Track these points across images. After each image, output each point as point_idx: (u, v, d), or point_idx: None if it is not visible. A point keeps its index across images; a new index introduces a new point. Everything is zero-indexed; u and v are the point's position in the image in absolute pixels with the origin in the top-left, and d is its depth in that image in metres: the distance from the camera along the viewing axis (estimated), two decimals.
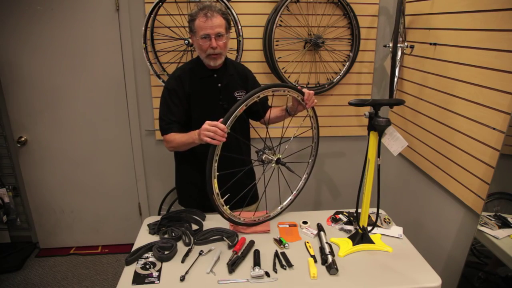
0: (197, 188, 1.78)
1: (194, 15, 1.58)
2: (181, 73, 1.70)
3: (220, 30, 1.57)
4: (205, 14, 1.55)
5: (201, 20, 1.55)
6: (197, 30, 1.58)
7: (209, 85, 1.70)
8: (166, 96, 1.70)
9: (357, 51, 2.43)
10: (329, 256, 1.39)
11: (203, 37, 1.57)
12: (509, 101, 1.45)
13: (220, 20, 1.57)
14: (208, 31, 1.55)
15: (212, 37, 1.56)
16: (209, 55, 1.61)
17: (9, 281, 2.47)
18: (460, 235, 1.83)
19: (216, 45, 1.58)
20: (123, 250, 2.80)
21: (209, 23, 1.54)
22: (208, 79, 1.69)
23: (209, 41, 1.57)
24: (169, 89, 1.69)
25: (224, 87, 1.71)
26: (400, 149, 1.51)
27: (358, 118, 2.60)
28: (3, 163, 2.66)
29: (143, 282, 1.29)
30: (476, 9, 1.62)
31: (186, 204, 1.88)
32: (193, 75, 1.69)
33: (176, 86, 1.67)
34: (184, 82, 1.67)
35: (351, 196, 1.78)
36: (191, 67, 1.72)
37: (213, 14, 1.55)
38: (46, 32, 2.31)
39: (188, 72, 1.70)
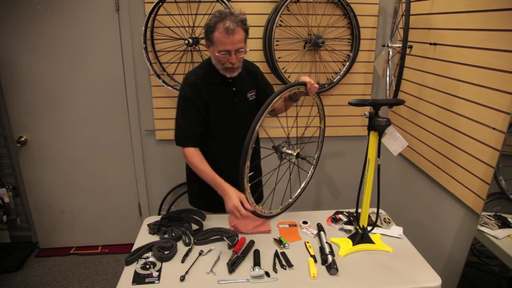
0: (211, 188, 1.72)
1: (213, 26, 1.48)
2: (196, 80, 1.61)
3: (240, 46, 1.50)
4: (226, 29, 1.44)
5: (221, 35, 1.46)
6: (216, 44, 1.49)
7: (224, 90, 1.65)
8: (182, 105, 1.62)
9: (357, 51, 2.43)
10: (329, 256, 1.39)
11: (222, 53, 1.50)
12: (509, 101, 1.44)
13: (241, 35, 1.49)
14: (228, 47, 1.48)
15: (232, 53, 1.50)
16: (226, 68, 1.56)
17: (9, 281, 2.47)
18: (460, 235, 1.83)
19: (235, 60, 1.52)
20: (123, 250, 2.80)
21: (230, 39, 1.46)
22: (223, 84, 1.64)
23: (228, 56, 1.50)
24: (185, 98, 1.61)
25: (238, 90, 1.67)
26: (400, 149, 1.51)
27: (358, 118, 2.60)
28: (3, 163, 2.66)
29: (143, 282, 1.30)
30: (476, 9, 1.62)
31: (197, 204, 1.85)
32: (208, 81, 1.62)
33: (192, 94, 1.60)
34: (201, 89, 1.60)
35: (351, 196, 1.78)
36: (205, 72, 1.64)
37: (235, 29, 1.45)
38: (46, 32, 2.31)
39: (203, 78, 1.62)
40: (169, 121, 2.52)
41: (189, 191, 1.94)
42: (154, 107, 2.50)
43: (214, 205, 1.69)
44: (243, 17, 1.50)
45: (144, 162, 2.66)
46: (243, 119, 1.69)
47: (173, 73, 2.36)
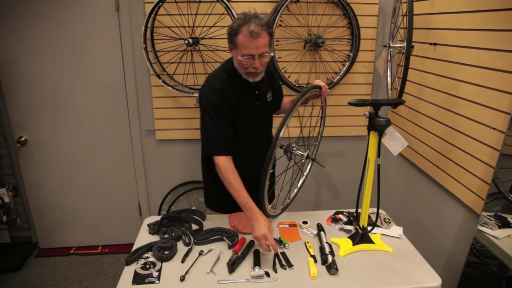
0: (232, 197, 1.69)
1: (236, 28, 1.43)
2: (222, 85, 1.54)
3: (265, 50, 1.45)
4: (251, 33, 1.39)
5: (245, 39, 1.41)
6: (239, 47, 1.44)
7: (248, 94, 1.61)
8: (210, 111, 1.54)
9: (357, 51, 2.43)
10: (329, 256, 1.39)
11: (246, 57, 1.45)
12: (509, 101, 1.45)
13: (266, 39, 1.43)
14: (252, 51, 1.43)
15: (256, 57, 1.45)
16: (249, 73, 1.51)
17: (9, 281, 2.47)
18: (460, 235, 1.83)
19: (259, 65, 1.47)
20: (123, 250, 2.80)
21: (254, 43, 1.41)
22: (247, 88, 1.60)
23: (252, 61, 1.46)
24: (213, 104, 1.53)
25: (260, 93, 1.65)
26: (400, 149, 1.51)
27: (358, 118, 2.60)
28: (3, 163, 2.66)
29: (143, 282, 1.30)
30: (476, 9, 1.62)
31: (216, 208, 1.83)
32: (233, 86, 1.56)
33: (219, 100, 1.53)
34: (228, 95, 1.54)
35: (351, 196, 1.78)
36: (229, 76, 1.57)
37: (260, 32, 1.40)
38: (46, 32, 2.31)
39: (227, 83, 1.56)
40: (169, 121, 2.52)
41: (207, 195, 1.88)
42: (154, 107, 2.50)
43: (232, 209, 1.68)
44: (268, 20, 1.45)
45: (144, 162, 2.66)
46: (264, 121, 1.72)
47: (173, 73, 2.36)
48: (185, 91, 2.36)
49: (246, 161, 1.65)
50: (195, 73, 2.37)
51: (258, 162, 1.68)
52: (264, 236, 1.37)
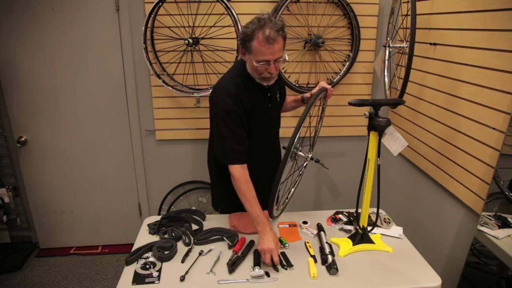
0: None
1: (251, 33, 1.38)
2: (237, 91, 1.51)
3: (280, 55, 1.42)
4: (267, 39, 1.36)
5: (261, 45, 1.37)
6: (254, 53, 1.41)
7: (261, 97, 1.60)
8: (225, 118, 1.49)
9: (357, 51, 2.43)
10: (329, 256, 1.39)
11: (261, 63, 1.42)
12: (509, 101, 1.44)
13: (281, 43, 1.41)
14: (268, 57, 1.40)
15: (271, 62, 1.42)
16: (264, 78, 1.49)
17: (9, 281, 2.47)
18: (460, 235, 1.83)
19: (274, 70, 1.45)
20: (123, 250, 2.80)
21: (270, 49, 1.38)
22: (260, 92, 1.59)
23: (267, 66, 1.43)
24: (228, 111, 1.48)
25: (272, 95, 1.64)
26: (400, 149, 1.51)
27: (358, 118, 2.60)
28: (3, 163, 2.66)
29: (143, 282, 1.30)
30: (476, 9, 1.62)
31: (224, 209, 1.81)
32: (247, 90, 1.54)
33: (235, 106, 1.49)
34: (243, 100, 1.51)
35: (351, 196, 1.78)
36: (242, 81, 1.54)
37: (275, 38, 1.37)
38: (46, 32, 2.31)
39: (242, 88, 1.53)
40: (169, 121, 2.52)
41: (216, 197, 1.86)
42: (154, 107, 2.50)
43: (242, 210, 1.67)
44: (282, 24, 1.41)
45: (144, 162, 2.66)
46: (275, 121, 1.74)
47: (173, 73, 2.36)
48: (185, 91, 2.36)
49: (258, 163, 1.64)
50: (195, 73, 2.37)
51: (270, 163, 1.70)
52: (270, 250, 1.36)
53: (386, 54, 2.24)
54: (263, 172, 1.70)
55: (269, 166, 1.73)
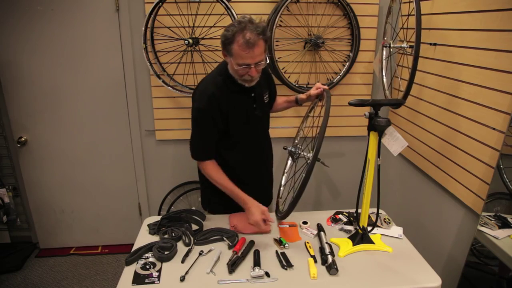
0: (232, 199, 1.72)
1: (231, 37, 1.38)
2: (214, 91, 1.50)
3: (261, 58, 1.42)
4: (247, 42, 1.35)
5: (241, 49, 1.37)
6: (235, 56, 1.41)
7: (244, 97, 1.59)
8: (198, 117, 1.54)
9: (357, 51, 2.43)
10: (329, 256, 1.39)
11: (242, 67, 1.42)
12: (509, 101, 1.45)
13: (262, 47, 1.40)
14: (248, 61, 1.40)
15: (252, 66, 1.42)
16: (245, 80, 1.49)
17: (9, 281, 2.47)
18: (460, 235, 1.83)
19: (255, 73, 1.45)
20: (123, 250, 2.80)
21: (250, 53, 1.37)
22: (242, 92, 1.57)
23: (248, 69, 1.43)
24: (201, 110, 1.52)
25: (256, 96, 1.63)
26: (400, 149, 1.51)
27: (358, 118, 2.59)
28: (3, 163, 2.66)
29: (143, 282, 1.30)
30: (476, 9, 1.62)
31: (212, 209, 1.84)
32: (227, 90, 1.53)
33: (210, 106, 1.50)
34: (220, 101, 1.51)
35: (351, 196, 1.79)
36: (223, 79, 1.54)
37: (255, 41, 1.36)
38: (46, 32, 2.31)
39: (222, 87, 1.53)
40: (169, 121, 2.52)
41: (204, 196, 1.89)
42: (154, 107, 2.50)
43: (230, 210, 1.71)
44: (263, 26, 1.40)
45: (144, 162, 2.66)
46: (260, 122, 1.72)
47: (173, 73, 2.36)
48: (185, 91, 2.36)
49: (244, 164, 1.66)
50: (195, 73, 2.37)
51: (257, 164, 1.70)
52: (256, 222, 1.50)
53: (383, 54, 2.25)
54: (250, 173, 1.71)
55: (256, 167, 1.73)
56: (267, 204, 1.92)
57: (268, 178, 1.90)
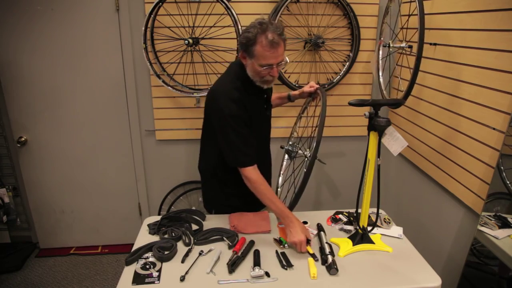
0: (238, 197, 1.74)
1: (253, 38, 1.38)
2: (239, 95, 1.50)
3: (283, 58, 1.45)
4: (271, 43, 1.37)
5: (265, 49, 1.38)
6: (257, 57, 1.41)
7: (259, 99, 1.62)
8: (232, 123, 1.49)
9: (357, 51, 2.43)
10: (329, 256, 1.39)
11: (265, 67, 1.43)
12: (509, 101, 1.45)
13: (283, 47, 1.43)
14: (271, 61, 1.41)
15: (274, 66, 1.44)
16: (265, 81, 1.50)
17: (9, 281, 2.47)
18: (460, 235, 1.83)
19: (277, 74, 1.47)
20: (123, 250, 2.80)
21: (274, 53, 1.39)
22: (258, 94, 1.60)
23: (270, 70, 1.44)
24: (234, 116, 1.48)
25: (267, 97, 1.67)
26: (400, 149, 1.51)
27: (358, 118, 2.60)
28: (3, 163, 2.66)
29: (143, 282, 1.30)
30: (476, 9, 1.62)
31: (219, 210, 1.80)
32: (247, 93, 1.54)
33: (239, 111, 1.49)
34: (246, 104, 1.51)
35: (351, 196, 1.78)
36: (243, 84, 1.54)
37: (279, 41, 1.39)
38: (46, 32, 2.31)
39: (244, 92, 1.52)
40: (169, 121, 2.52)
41: (210, 199, 1.86)
42: (154, 107, 2.50)
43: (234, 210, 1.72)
44: (283, 27, 1.42)
45: (144, 162, 2.66)
46: (269, 122, 1.75)
47: (173, 73, 2.36)
48: (185, 91, 2.36)
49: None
50: (195, 73, 2.37)
51: (263, 162, 1.71)
52: (301, 242, 1.42)
53: (380, 54, 2.25)
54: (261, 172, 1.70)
55: (262, 164, 1.73)
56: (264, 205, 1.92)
57: (270, 177, 1.89)
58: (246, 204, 1.68)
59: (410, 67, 2.18)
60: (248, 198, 1.60)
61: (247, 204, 1.69)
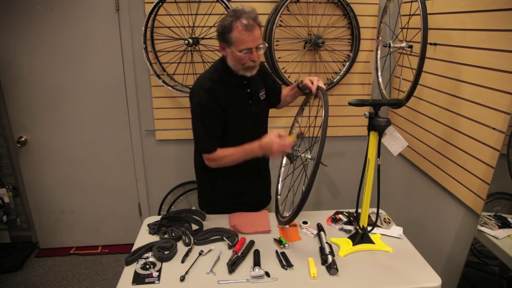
0: (230, 197, 1.77)
1: (229, 25, 1.44)
2: (212, 85, 1.54)
3: (260, 42, 1.48)
4: (245, 26, 1.42)
5: (241, 33, 1.43)
6: (235, 43, 1.45)
7: (240, 93, 1.62)
8: (200, 112, 1.56)
9: (357, 51, 2.43)
10: (329, 256, 1.39)
11: (244, 52, 1.46)
12: (509, 101, 1.45)
13: (259, 30, 1.47)
14: (249, 44, 1.45)
15: (253, 50, 1.47)
16: (247, 67, 1.52)
17: (9, 281, 2.47)
18: (460, 235, 1.83)
19: (257, 57, 1.50)
20: (123, 250, 2.80)
21: (251, 36, 1.44)
22: (239, 87, 1.61)
23: (250, 54, 1.48)
24: (202, 105, 1.55)
25: (252, 91, 1.65)
26: (400, 149, 1.51)
27: (358, 118, 2.60)
28: (3, 163, 2.66)
29: (143, 282, 1.29)
30: (476, 9, 1.62)
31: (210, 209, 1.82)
32: (224, 85, 1.57)
33: (209, 100, 1.54)
34: (218, 95, 1.54)
35: (351, 196, 1.78)
36: (220, 75, 1.58)
37: (253, 24, 1.43)
38: (46, 32, 2.31)
39: (218, 82, 1.56)
40: (169, 121, 2.52)
41: (202, 196, 1.89)
42: (154, 107, 2.50)
43: (227, 211, 1.73)
44: (256, 13, 1.48)
45: (144, 162, 2.66)
46: (256, 119, 1.72)
47: (173, 73, 2.36)
48: (185, 91, 2.36)
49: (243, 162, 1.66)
50: (195, 73, 2.37)
51: (253, 162, 1.71)
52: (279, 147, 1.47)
53: (378, 54, 2.25)
54: (246, 170, 1.71)
55: (253, 163, 1.72)
56: (266, 204, 1.92)
57: (266, 177, 1.90)
58: (237, 203, 1.73)
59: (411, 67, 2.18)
60: (238, 197, 1.68)
61: (238, 204, 1.73)
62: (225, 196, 1.77)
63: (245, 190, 1.74)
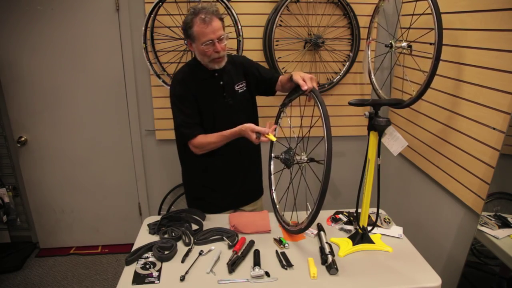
0: (212, 190, 1.81)
1: (189, 22, 1.53)
2: (184, 76, 1.67)
3: (221, 33, 1.54)
4: (203, 20, 1.50)
5: (200, 27, 1.51)
6: (197, 37, 1.54)
7: (212, 85, 1.68)
8: (176, 103, 1.66)
9: (357, 51, 2.43)
10: (329, 256, 1.39)
11: (206, 44, 1.53)
12: (509, 101, 1.44)
13: (218, 23, 1.54)
14: (210, 36, 1.52)
15: (215, 41, 1.53)
16: (214, 59, 1.59)
17: (9, 281, 2.47)
18: (460, 235, 1.83)
19: (220, 48, 1.55)
20: (123, 250, 2.80)
21: (209, 28, 1.51)
22: (210, 80, 1.67)
23: (213, 46, 1.54)
24: (177, 95, 1.66)
25: (226, 84, 1.69)
26: (400, 149, 1.51)
27: (358, 118, 2.60)
28: (3, 163, 2.66)
29: (143, 282, 1.29)
30: (476, 9, 1.62)
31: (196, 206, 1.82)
32: (195, 78, 1.66)
33: (183, 90, 1.65)
34: (189, 85, 1.64)
35: (351, 196, 1.78)
36: (191, 69, 1.69)
37: (211, 17, 1.51)
38: (46, 32, 2.31)
39: (189, 75, 1.67)
40: (169, 121, 2.51)
41: (188, 194, 1.94)
42: (154, 107, 2.50)
43: (211, 208, 1.77)
44: (215, 8, 1.55)
45: (144, 162, 2.66)
46: (234, 112, 1.73)
47: (173, 73, 2.36)
48: None
49: (220, 154, 1.69)
50: None
51: (234, 154, 1.73)
52: (254, 132, 1.50)
53: (369, 53, 2.26)
54: (226, 164, 1.75)
55: (234, 158, 1.75)
56: (257, 197, 1.94)
57: (253, 170, 1.90)
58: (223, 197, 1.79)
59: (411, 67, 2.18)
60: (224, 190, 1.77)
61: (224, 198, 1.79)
62: (211, 190, 1.80)
63: (230, 183, 1.79)
